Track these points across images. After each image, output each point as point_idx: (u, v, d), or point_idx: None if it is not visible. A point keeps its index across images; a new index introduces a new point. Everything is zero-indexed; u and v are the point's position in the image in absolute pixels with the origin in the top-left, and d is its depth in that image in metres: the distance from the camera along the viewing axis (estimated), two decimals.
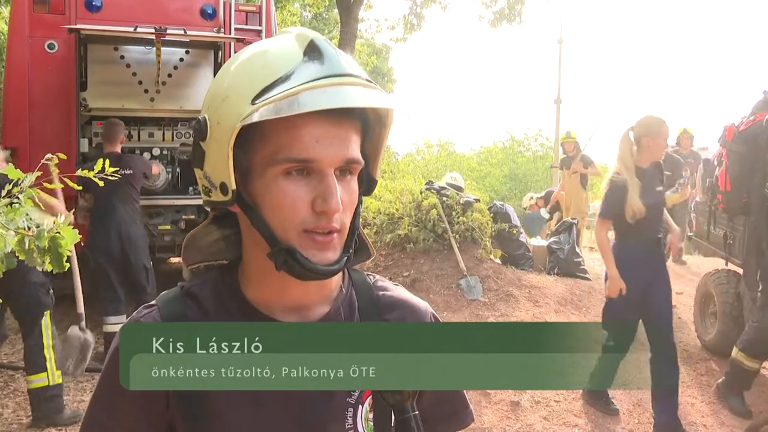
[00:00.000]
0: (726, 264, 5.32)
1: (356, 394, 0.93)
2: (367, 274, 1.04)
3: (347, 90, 0.80)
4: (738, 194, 4.78)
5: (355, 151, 0.85)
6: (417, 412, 0.83)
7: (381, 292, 1.01)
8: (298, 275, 0.85)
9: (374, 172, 0.95)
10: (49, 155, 1.78)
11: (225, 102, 0.84)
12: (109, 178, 1.83)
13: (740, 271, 5.00)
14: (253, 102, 0.80)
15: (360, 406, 0.93)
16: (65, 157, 1.82)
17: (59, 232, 1.50)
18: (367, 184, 0.95)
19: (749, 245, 4.65)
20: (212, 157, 0.86)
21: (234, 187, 0.84)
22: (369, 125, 0.91)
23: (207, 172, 0.88)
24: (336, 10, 13.80)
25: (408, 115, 0.90)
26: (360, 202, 0.91)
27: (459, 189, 7.64)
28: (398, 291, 1.04)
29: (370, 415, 0.94)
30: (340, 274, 0.95)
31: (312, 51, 0.83)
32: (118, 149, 5.11)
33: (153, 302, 0.95)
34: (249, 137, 0.83)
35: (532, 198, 11.26)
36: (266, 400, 0.89)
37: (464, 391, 1.08)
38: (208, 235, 0.99)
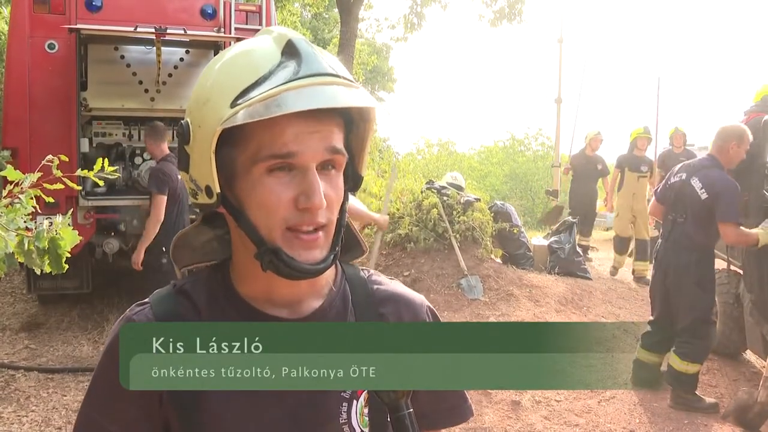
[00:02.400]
0: (728, 265, 5.32)
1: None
2: (361, 269, 1.04)
3: (324, 90, 0.80)
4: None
5: (337, 141, 0.86)
6: (411, 410, 0.82)
7: (375, 286, 1.01)
8: (285, 275, 0.85)
9: (360, 168, 0.95)
10: (50, 156, 1.78)
11: (206, 105, 0.84)
12: (110, 176, 1.83)
13: (741, 271, 5.00)
14: (232, 105, 0.80)
15: (354, 402, 0.93)
16: (67, 159, 1.82)
17: (58, 234, 1.50)
18: (353, 181, 0.94)
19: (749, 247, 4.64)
20: (196, 160, 0.86)
21: (218, 190, 0.84)
22: (352, 121, 0.91)
23: (192, 175, 0.88)
24: (336, 10, 13.80)
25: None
26: (346, 198, 0.91)
27: (459, 188, 7.63)
28: (393, 285, 1.04)
29: (365, 410, 0.93)
30: (332, 268, 0.95)
31: (290, 51, 0.83)
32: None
33: (146, 300, 0.95)
34: (232, 139, 0.83)
35: (599, 133, 8.99)
36: (261, 398, 0.88)
37: None
38: (201, 235, 0.99)
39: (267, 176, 0.83)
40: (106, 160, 1.82)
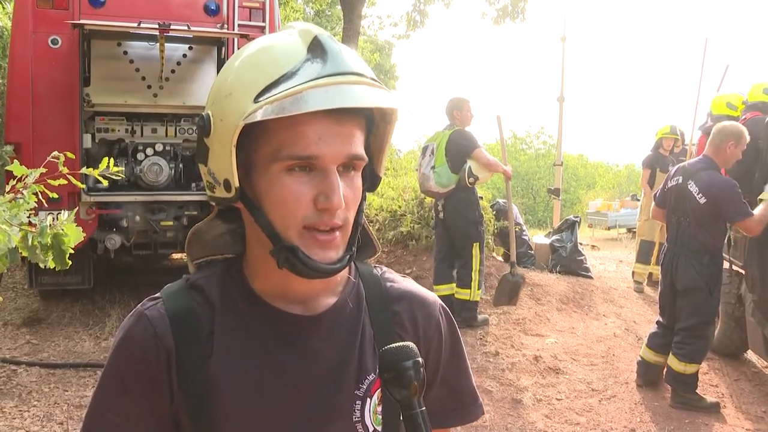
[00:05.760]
0: (729, 265, 5.31)
1: (364, 387, 0.93)
2: (374, 266, 1.04)
3: (351, 89, 0.80)
4: None
5: (358, 147, 0.85)
6: (424, 408, 0.82)
7: (389, 284, 1.01)
8: (301, 274, 0.84)
9: (378, 169, 0.95)
10: (55, 153, 1.78)
11: (228, 99, 0.83)
12: (114, 176, 1.83)
13: (742, 272, 4.99)
14: (256, 100, 0.80)
15: (368, 400, 0.93)
16: (73, 157, 1.82)
17: (62, 230, 1.50)
18: (370, 181, 0.94)
19: (750, 247, 4.63)
20: (216, 153, 0.86)
21: (237, 184, 0.84)
22: (373, 122, 0.91)
23: (211, 168, 0.88)
24: (339, 7, 13.78)
25: (412, 114, 0.90)
26: (364, 198, 0.91)
27: None
28: (406, 283, 1.04)
29: (379, 409, 0.93)
30: None
31: (316, 48, 0.82)
32: None
33: (158, 294, 0.94)
34: (252, 133, 0.83)
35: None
36: (272, 395, 0.88)
37: (474, 385, 1.07)
38: (213, 230, 0.99)
39: (286, 175, 0.83)
40: (111, 159, 1.82)
